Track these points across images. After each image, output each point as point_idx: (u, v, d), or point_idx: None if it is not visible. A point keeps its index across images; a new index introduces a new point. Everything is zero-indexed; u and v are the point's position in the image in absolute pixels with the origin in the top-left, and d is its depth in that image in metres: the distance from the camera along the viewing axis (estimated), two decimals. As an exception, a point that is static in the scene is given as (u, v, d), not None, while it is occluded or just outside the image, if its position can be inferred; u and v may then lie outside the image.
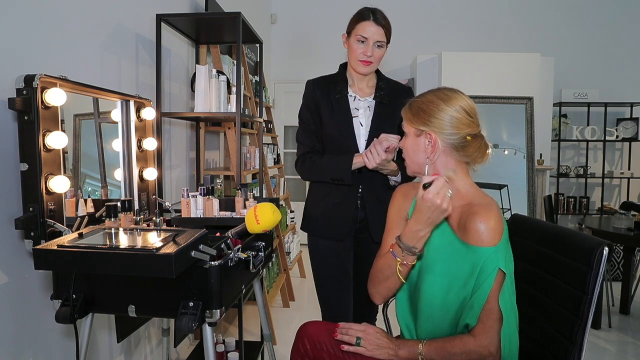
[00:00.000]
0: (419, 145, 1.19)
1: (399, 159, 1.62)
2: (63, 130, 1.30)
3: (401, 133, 1.26)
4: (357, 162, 1.58)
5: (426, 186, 1.07)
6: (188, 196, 1.67)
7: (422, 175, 1.20)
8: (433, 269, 1.16)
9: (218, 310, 1.15)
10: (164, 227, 1.45)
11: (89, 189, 1.60)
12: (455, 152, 1.17)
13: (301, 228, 1.78)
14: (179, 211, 1.73)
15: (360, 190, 1.66)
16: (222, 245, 1.22)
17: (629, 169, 5.06)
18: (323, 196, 1.69)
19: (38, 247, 1.04)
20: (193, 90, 2.48)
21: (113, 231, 1.20)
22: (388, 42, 1.63)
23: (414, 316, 1.23)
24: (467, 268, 1.10)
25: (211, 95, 2.19)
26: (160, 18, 2.15)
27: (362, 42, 1.59)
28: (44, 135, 1.24)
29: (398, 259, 1.17)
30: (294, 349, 1.31)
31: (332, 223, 1.67)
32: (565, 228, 1.32)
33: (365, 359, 1.19)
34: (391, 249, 1.19)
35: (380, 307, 1.67)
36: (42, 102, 1.23)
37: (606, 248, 1.11)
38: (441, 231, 1.18)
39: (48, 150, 1.25)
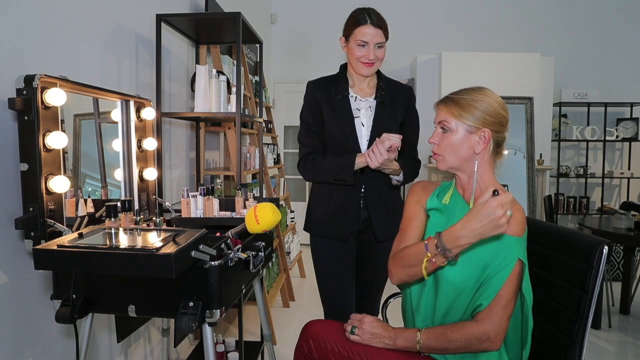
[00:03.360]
0: (469, 142, 1.20)
1: (400, 157, 1.62)
2: (63, 130, 1.30)
3: (402, 132, 1.25)
4: (359, 162, 1.58)
5: (495, 193, 1.01)
6: (188, 196, 1.67)
7: (457, 172, 1.25)
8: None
9: (218, 310, 1.15)
10: (164, 227, 1.45)
11: (89, 189, 1.60)
12: (495, 149, 1.23)
13: (304, 229, 1.78)
14: (179, 211, 1.73)
15: (362, 190, 1.66)
16: (222, 245, 1.22)
17: (629, 169, 5.06)
18: (326, 197, 1.69)
19: (38, 247, 1.04)
20: (193, 90, 2.48)
21: (113, 231, 1.20)
22: (387, 39, 1.63)
23: (432, 300, 1.23)
24: (491, 253, 1.13)
25: (211, 95, 2.19)
26: (160, 18, 2.15)
27: (363, 46, 1.59)
28: (44, 135, 1.24)
29: (429, 254, 1.11)
30: (297, 348, 1.30)
31: (334, 223, 1.67)
32: (565, 227, 1.32)
33: (373, 355, 1.19)
34: (426, 241, 1.13)
35: (380, 307, 1.68)
36: (42, 102, 1.23)
37: (606, 247, 1.11)
38: None
39: (48, 150, 1.25)
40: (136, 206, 1.76)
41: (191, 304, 1.14)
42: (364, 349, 1.20)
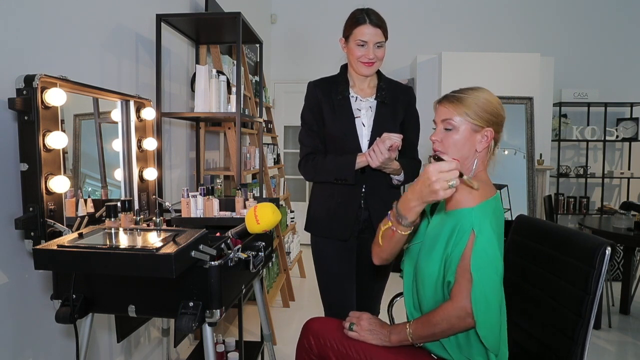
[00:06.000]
0: (472, 140, 1.21)
1: (400, 157, 1.62)
2: (63, 130, 1.30)
3: (402, 132, 1.26)
4: (360, 161, 1.58)
5: (436, 158, 1.10)
6: (188, 196, 1.67)
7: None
8: (429, 247, 1.21)
9: (218, 310, 1.15)
10: (164, 227, 1.45)
11: (89, 189, 1.60)
12: (493, 147, 1.25)
13: (305, 229, 1.78)
14: (179, 211, 1.73)
15: (363, 189, 1.66)
16: (222, 245, 1.22)
17: (629, 169, 5.06)
18: (326, 196, 1.70)
19: (38, 247, 1.04)
20: (193, 90, 2.48)
21: (113, 231, 1.20)
22: (386, 39, 1.63)
23: (416, 294, 1.26)
24: (448, 233, 1.14)
25: (211, 95, 2.19)
26: (160, 18, 2.15)
27: (362, 45, 1.59)
28: (44, 135, 1.23)
29: (389, 222, 1.19)
30: (299, 345, 1.33)
31: (335, 223, 1.67)
32: (567, 228, 1.32)
33: (369, 352, 1.21)
34: (389, 212, 1.22)
35: (386, 306, 1.68)
36: (42, 102, 1.23)
37: (609, 248, 1.11)
38: (440, 213, 1.23)
39: (48, 150, 1.25)
40: (136, 206, 1.75)
41: (191, 304, 1.14)
42: (361, 346, 1.23)
